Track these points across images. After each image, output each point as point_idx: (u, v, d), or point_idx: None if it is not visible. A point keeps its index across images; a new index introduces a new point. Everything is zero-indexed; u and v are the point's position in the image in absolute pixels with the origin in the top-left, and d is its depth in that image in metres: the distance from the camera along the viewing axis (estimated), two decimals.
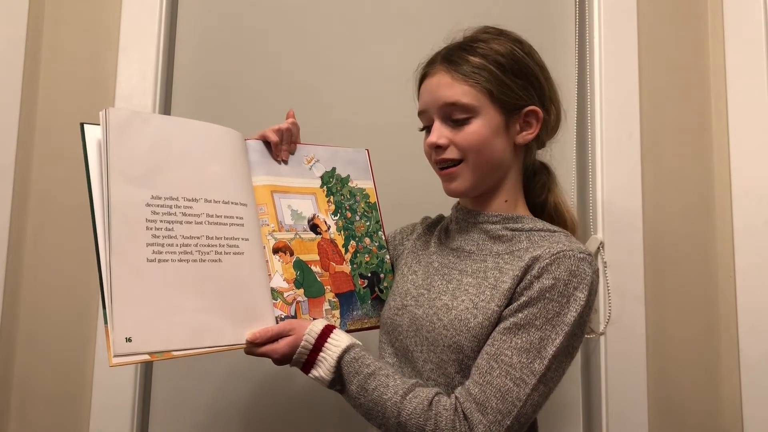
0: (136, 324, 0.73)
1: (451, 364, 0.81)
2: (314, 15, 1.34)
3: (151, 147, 0.80)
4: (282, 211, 0.92)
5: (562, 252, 0.78)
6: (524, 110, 0.86)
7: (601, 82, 1.27)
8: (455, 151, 0.85)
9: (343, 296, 0.94)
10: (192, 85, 1.32)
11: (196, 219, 0.82)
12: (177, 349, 0.76)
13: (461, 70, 0.84)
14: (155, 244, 0.77)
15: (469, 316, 0.80)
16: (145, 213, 0.77)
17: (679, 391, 1.24)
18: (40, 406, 1.18)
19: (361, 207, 1.02)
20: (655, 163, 1.27)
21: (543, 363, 0.74)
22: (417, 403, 0.75)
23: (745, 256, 1.22)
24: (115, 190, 0.76)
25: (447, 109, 0.85)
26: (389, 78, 1.32)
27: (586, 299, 0.77)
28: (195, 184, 0.83)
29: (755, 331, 1.19)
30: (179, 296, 0.78)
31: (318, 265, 0.93)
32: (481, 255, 0.87)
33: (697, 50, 1.31)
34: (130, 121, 0.79)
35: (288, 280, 0.89)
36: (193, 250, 0.80)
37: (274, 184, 0.93)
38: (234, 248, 0.84)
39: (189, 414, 1.25)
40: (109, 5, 1.25)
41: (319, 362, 0.82)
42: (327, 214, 0.97)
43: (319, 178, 0.98)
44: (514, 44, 0.87)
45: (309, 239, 0.93)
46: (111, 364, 0.71)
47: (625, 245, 1.24)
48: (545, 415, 1.29)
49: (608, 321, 1.21)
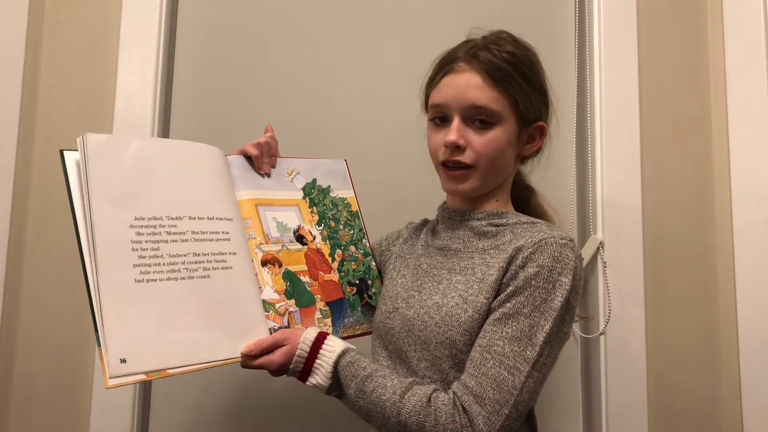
0: (130, 344, 0.74)
1: (445, 360, 0.82)
2: (314, 15, 1.34)
3: (131, 169, 0.81)
4: (267, 224, 0.93)
5: (543, 240, 0.80)
6: (536, 125, 0.89)
7: (600, 82, 1.27)
8: (470, 156, 0.85)
9: (334, 304, 0.95)
10: (192, 85, 1.32)
11: (182, 237, 0.82)
12: (173, 367, 0.76)
13: (494, 76, 0.84)
14: (142, 265, 0.78)
15: (460, 311, 0.81)
16: (130, 234, 0.78)
17: (678, 391, 1.24)
18: (41, 406, 1.18)
19: (344, 216, 1.03)
20: (655, 163, 1.27)
21: (535, 350, 0.76)
22: (416, 400, 0.76)
23: (745, 256, 1.22)
24: (98, 214, 0.77)
25: (472, 111, 0.85)
26: (389, 78, 1.32)
27: (571, 283, 0.78)
28: (178, 202, 0.84)
29: (755, 330, 1.19)
30: (171, 314, 0.78)
31: (307, 275, 0.94)
32: (467, 252, 0.88)
33: (697, 50, 1.31)
34: (108, 145, 0.80)
35: (279, 292, 0.89)
36: (181, 268, 0.81)
37: (258, 197, 0.94)
38: (222, 263, 0.85)
39: (189, 414, 1.25)
40: (109, 5, 1.25)
41: (316, 369, 0.82)
42: (312, 225, 0.98)
43: (301, 190, 1.00)
44: (537, 62, 0.89)
45: (296, 250, 0.95)
46: (107, 386, 0.71)
47: (625, 245, 1.24)
48: (545, 414, 1.29)
49: (608, 321, 1.21)
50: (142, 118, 1.22)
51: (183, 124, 1.31)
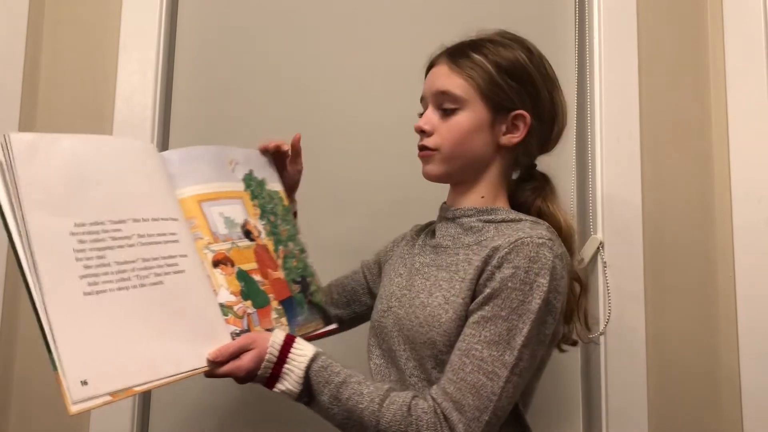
0: (88, 365, 0.67)
1: (427, 360, 0.82)
2: (314, 15, 1.34)
3: (64, 171, 0.73)
4: (214, 221, 0.86)
5: (520, 240, 0.78)
6: (513, 113, 0.87)
7: (600, 82, 1.27)
8: (434, 140, 0.88)
9: (286, 302, 0.90)
10: (192, 85, 1.32)
11: (128, 242, 0.75)
12: (137, 384, 0.70)
13: (459, 63, 0.87)
14: (89, 275, 0.70)
15: (441, 311, 0.81)
16: (72, 243, 0.70)
17: (678, 391, 1.24)
18: (41, 406, 1.18)
19: (280, 210, 0.97)
20: (655, 163, 1.27)
21: (513, 354, 0.75)
22: (395, 409, 0.75)
23: (745, 256, 1.22)
24: (34, 223, 0.68)
25: (439, 98, 0.88)
26: (389, 78, 1.32)
27: (548, 284, 0.77)
28: (118, 204, 0.77)
29: (755, 330, 1.19)
30: (126, 327, 0.72)
31: (258, 274, 0.88)
32: (454, 249, 0.87)
33: (697, 50, 1.31)
34: (36, 145, 0.72)
35: (234, 293, 0.83)
36: (131, 276, 0.74)
37: (200, 192, 0.87)
38: (174, 267, 0.78)
39: (189, 414, 1.25)
40: (109, 5, 1.25)
41: (285, 374, 0.78)
42: (256, 219, 0.92)
43: (242, 181, 0.93)
44: (523, 52, 0.88)
45: (245, 246, 0.88)
46: (70, 413, 0.64)
47: (625, 245, 1.24)
48: (545, 414, 1.29)
49: (608, 321, 1.21)
50: (142, 118, 1.22)
51: (183, 124, 1.31)
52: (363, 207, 1.30)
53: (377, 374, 0.91)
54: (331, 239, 1.25)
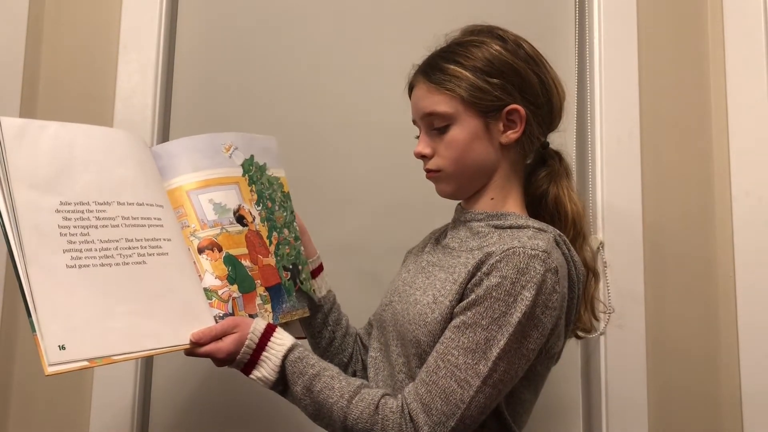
0: (68, 331, 0.71)
1: (413, 358, 0.82)
2: (314, 14, 1.34)
3: (52, 153, 0.78)
4: (202, 208, 0.88)
5: (512, 249, 0.76)
6: (505, 110, 0.84)
7: (600, 82, 1.27)
8: (436, 162, 0.87)
9: (273, 289, 0.91)
10: (192, 85, 1.32)
11: (112, 222, 0.79)
12: (116, 354, 0.73)
13: (434, 80, 0.85)
14: (72, 250, 0.75)
15: (428, 311, 0.81)
16: (57, 219, 0.75)
17: (678, 391, 1.24)
18: (41, 406, 1.18)
19: (278, 197, 0.98)
20: (655, 163, 1.27)
21: (488, 364, 0.74)
22: (363, 407, 0.76)
23: (745, 256, 1.22)
24: (21, 199, 0.73)
25: (427, 119, 0.87)
26: (389, 78, 1.31)
27: (534, 298, 0.74)
28: (104, 187, 0.81)
29: (755, 330, 1.19)
30: (108, 301, 0.75)
31: (247, 259, 0.89)
32: (459, 251, 0.86)
33: (697, 50, 1.31)
34: (25, 129, 0.77)
35: (220, 277, 0.85)
36: (114, 254, 0.78)
37: (189, 182, 0.89)
38: (157, 249, 0.82)
39: (189, 414, 1.25)
40: (109, 5, 1.25)
41: (262, 362, 0.80)
42: (251, 204, 0.92)
43: (240, 167, 0.93)
44: (496, 42, 0.85)
45: (236, 232, 0.89)
46: (46, 373, 0.68)
47: (625, 245, 1.24)
48: (545, 414, 1.29)
49: (608, 321, 1.21)
50: (142, 118, 1.22)
51: (183, 124, 1.31)
52: (363, 207, 1.30)
53: (372, 367, 0.91)
54: (331, 239, 1.25)
